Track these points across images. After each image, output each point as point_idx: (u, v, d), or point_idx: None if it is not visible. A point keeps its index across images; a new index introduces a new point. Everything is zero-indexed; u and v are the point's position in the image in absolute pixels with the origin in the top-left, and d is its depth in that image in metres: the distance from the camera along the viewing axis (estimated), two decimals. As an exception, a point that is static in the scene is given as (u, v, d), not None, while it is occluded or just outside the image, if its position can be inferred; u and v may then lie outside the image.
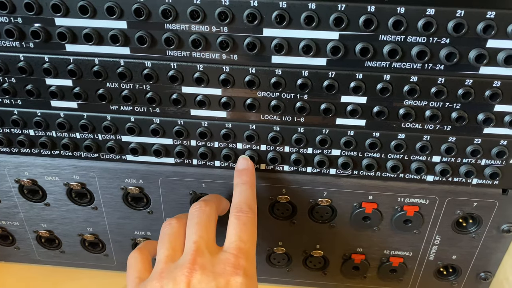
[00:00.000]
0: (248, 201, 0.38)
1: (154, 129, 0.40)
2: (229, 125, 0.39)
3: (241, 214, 0.36)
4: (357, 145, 0.39)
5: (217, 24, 0.34)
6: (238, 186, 0.39)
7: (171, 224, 0.38)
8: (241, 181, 0.39)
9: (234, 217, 0.36)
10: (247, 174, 0.40)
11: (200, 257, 0.34)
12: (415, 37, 0.33)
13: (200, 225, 0.36)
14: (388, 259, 0.47)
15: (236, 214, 0.36)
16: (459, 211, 0.42)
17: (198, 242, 0.35)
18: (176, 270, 0.33)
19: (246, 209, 0.37)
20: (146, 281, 0.35)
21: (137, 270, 0.38)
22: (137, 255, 0.39)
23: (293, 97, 0.37)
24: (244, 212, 0.36)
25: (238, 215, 0.36)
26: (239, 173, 0.40)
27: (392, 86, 0.36)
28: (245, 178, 0.39)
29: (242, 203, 0.37)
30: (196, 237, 0.35)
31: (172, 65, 0.37)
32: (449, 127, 0.38)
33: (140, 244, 0.42)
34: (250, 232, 0.36)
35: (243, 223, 0.36)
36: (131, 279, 0.37)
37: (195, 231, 0.36)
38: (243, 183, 0.39)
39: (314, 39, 0.34)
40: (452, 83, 0.35)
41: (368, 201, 0.43)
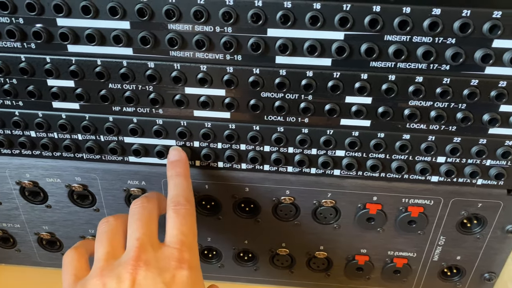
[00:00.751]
0: (184, 194, 0.37)
1: (157, 130, 0.40)
2: (232, 126, 0.39)
3: (180, 207, 0.36)
4: (362, 146, 0.39)
5: (221, 24, 0.34)
6: (173, 178, 0.38)
7: (109, 221, 0.37)
8: (175, 173, 0.39)
9: (172, 211, 0.36)
10: (180, 165, 0.39)
11: (144, 253, 0.33)
12: (420, 37, 0.33)
13: (142, 221, 0.36)
14: (392, 260, 0.46)
15: (174, 208, 0.36)
16: (464, 212, 0.42)
17: (141, 238, 0.34)
18: (119, 268, 0.33)
19: (183, 201, 0.36)
20: (85, 279, 0.34)
21: (73, 267, 0.37)
22: (72, 253, 0.38)
23: (297, 98, 0.37)
24: (182, 205, 0.36)
25: (176, 209, 0.36)
26: (172, 165, 0.39)
27: (397, 86, 0.35)
28: (179, 170, 0.39)
29: (179, 196, 0.37)
30: (138, 234, 0.35)
31: (175, 65, 0.36)
32: (454, 128, 0.37)
33: (76, 244, 0.40)
34: (189, 224, 0.36)
35: (183, 216, 0.36)
36: (67, 278, 0.36)
37: (137, 227, 0.35)
38: (177, 175, 0.38)
39: (319, 39, 0.34)
40: (457, 84, 0.35)
41: (373, 202, 0.42)
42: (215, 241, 0.47)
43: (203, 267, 0.49)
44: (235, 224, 0.45)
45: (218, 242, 0.47)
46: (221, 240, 0.47)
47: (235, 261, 0.49)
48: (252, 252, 0.48)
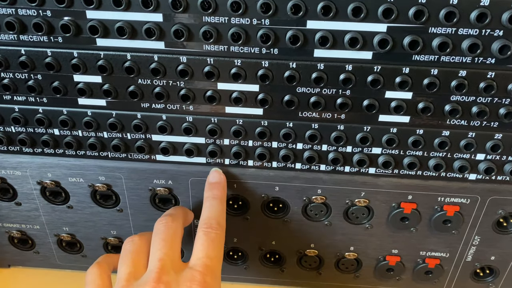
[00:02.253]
0: (218, 217, 0.37)
1: (186, 127, 0.38)
2: (265, 123, 0.38)
3: (210, 230, 0.36)
4: (400, 143, 0.38)
5: (259, 16, 0.32)
6: (209, 200, 0.38)
7: (134, 240, 0.38)
8: (212, 195, 0.39)
9: (203, 233, 0.36)
10: (219, 188, 0.39)
11: (165, 275, 0.33)
12: (467, 29, 0.32)
13: (165, 241, 0.36)
14: (424, 261, 0.45)
15: (205, 229, 0.36)
16: (501, 211, 0.41)
17: (163, 259, 0.34)
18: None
19: (215, 225, 0.36)
20: None
21: (96, 286, 0.37)
22: (95, 270, 0.38)
23: (334, 93, 0.36)
24: (213, 229, 0.36)
25: (207, 231, 0.36)
26: (210, 186, 0.39)
27: (439, 81, 0.34)
28: (216, 193, 0.39)
29: (212, 219, 0.37)
30: (161, 254, 0.34)
31: (208, 60, 0.35)
32: (496, 124, 0.36)
33: (99, 258, 0.40)
34: (217, 248, 0.36)
35: (211, 240, 0.35)
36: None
37: (160, 247, 0.35)
38: (214, 197, 0.39)
39: (360, 32, 0.33)
40: (502, 78, 0.34)
41: (407, 201, 0.41)
42: (242, 242, 0.46)
43: (227, 269, 0.48)
44: (263, 224, 0.44)
45: (244, 243, 0.46)
46: (248, 241, 0.46)
47: (261, 263, 0.47)
48: (279, 253, 0.47)
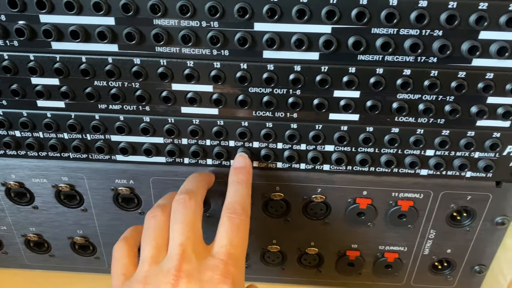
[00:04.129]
0: (242, 203, 0.36)
1: (144, 128, 0.39)
2: (220, 122, 0.39)
3: (234, 216, 0.35)
4: (351, 140, 0.39)
5: (207, 19, 0.33)
6: (234, 184, 0.37)
7: (156, 216, 0.36)
8: (237, 180, 0.38)
9: (227, 218, 0.35)
10: (244, 172, 0.38)
11: (187, 263, 0.32)
12: (407, 30, 0.33)
13: (184, 224, 0.34)
14: (383, 255, 0.46)
15: (229, 215, 0.35)
16: (453, 205, 0.42)
17: (184, 244, 0.33)
18: (160, 276, 0.32)
19: (240, 211, 0.35)
20: (131, 281, 0.34)
21: (123, 265, 0.36)
22: (123, 247, 0.37)
23: (285, 93, 0.37)
24: (237, 214, 0.35)
25: (231, 217, 0.35)
26: (236, 171, 0.38)
27: (385, 79, 0.35)
28: (242, 177, 0.38)
29: (236, 204, 0.35)
30: (181, 239, 0.33)
31: (161, 61, 0.36)
32: (443, 120, 0.37)
33: (126, 233, 0.39)
34: (242, 236, 0.35)
35: (236, 226, 0.34)
36: (116, 276, 0.36)
37: (180, 231, 0.34)
38: (239, 182, 0.37)
39: (306, 33, 0.34)
40: (445, 76, 0.35)
41: (363, 196, 0.42)
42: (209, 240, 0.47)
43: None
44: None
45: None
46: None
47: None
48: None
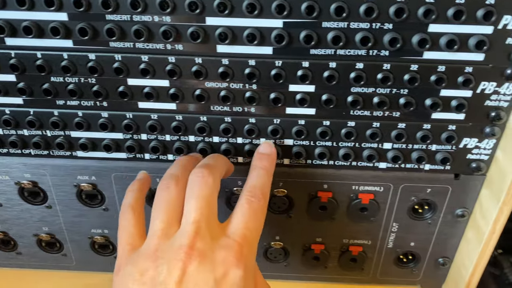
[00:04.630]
0: (263, 188, 0.35)
1: (102, 123, 0.39)
2: (179, 117, 0.39)
3: (254, 199, 0.34)
4: (309, 134, 0.39)
5: (159, 13, 0.34)
6: (256, 169, 0.37)
7: (169, 188, 0.34)
8: (260, 165, 0.37)
9: (246, 201, 0.34)
10: (269, 160, 0.38)
11: (200, 240, 0.31)
12: (358, 23, 0.33)
13: (201, 199, 0.33)
14: (348, 248, 0.47)
15: (248, 198, 0.34)
16: (414, 198, 0.43)
17: (199, 221, 0.32)
18: (171, 251, 0.31)
19: (259, 195, 0.34)
20: (139, 252, 0.32)
21: (130, 235, 0.35)
22: (130, 216, 0.35)
23: (242, 87, 0.37)
24: (257, 198, 0.34)
25: (250, 200, 0.34)
26: (260, 156, 0.38)
27: (338, 73, 0.36)
28: (265, 163, 0.37)
29: (257, 188, 0.35)
30: (196, 215, 0.32)
31: (116, 57, 0.36)
32: (398, 114, 0.38)
33: (130, 199, 0.37)
34: (258, 221, 0.34)
35: (254, 210, 0.34)
36: (123, 245, 0.34)
37: (195, 206, 0.32)
38: (262, 167, 0.37)
39: (258, 28, 0.34)
40: (397, 69, 0.35)
41: (324, 190, 0.43)
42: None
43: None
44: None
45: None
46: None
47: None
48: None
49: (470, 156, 0.40)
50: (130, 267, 0.32)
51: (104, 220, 0.46)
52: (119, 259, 0.34)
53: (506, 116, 0.37)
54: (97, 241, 0.48)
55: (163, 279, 0.30)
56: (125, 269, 0.32)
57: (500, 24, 0.33)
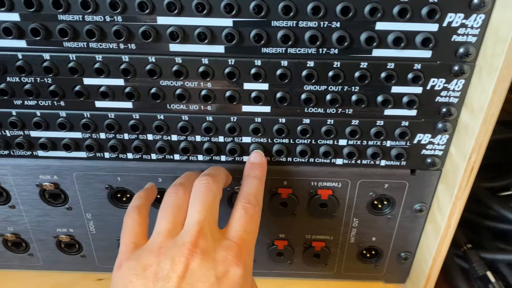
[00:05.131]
0: (257, 195, 0.37)
1: (61, 123, 0.39)
2: (136, 116, 0.39)
3: (249, 206, 0.36)
4: (265, 131, 0.40)
5: (110, 13, 0.34)
6: (249, 178, 0.39)
7: (178, 193, 0.36)
8: (253, 174, 0.39)
9: (242, 207, 0.36)
10: (260, 169, 0.40)
11: (203, 240, 0.33)
12: (306, 22, 0.34)
13: (205, 203, 0.35)
14: (310, 244, 0.47)
15: (244, 204, 0.36)
16: (372, 193, 0.43)
17: (202, 222, 0.34)
18: (175, 249, 0.32)
19: (254, 202, 0.37)
20: (142, 249, 0.34)
21: (134, 234, 0.36)
22: (136, 216, 0.37)
23: (197, 86, 0.38)
24: (252, 204, 0.36)
25: (246, 206, 0.36)
26: (252, 166, 0.40)
27: (290, 71, 0.36)
28: (257, 173, 0.39)
29: (252, 195, 0.37)
30: (200, 217, 0.34)
31: (71, 57, 0.36)
32: (351, 110, 0.38)
33: (138, 200, 0.39)
34: (254, 225, 0.36)
35: (250, 215, 0.36)
36: (126, 243, 0.35)
37: (199, 209, 0.35)
38: (254, 176, 0.39)
39: (208, 26, 0.34)
40: (347, 67, 0.36)
41: (283, 186, 0.43)
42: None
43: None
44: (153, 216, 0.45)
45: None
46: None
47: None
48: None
49: (424, 152, 0.41)
50: (133, 262, 0.33)
51: (68, 219, 0.46)
52: (121, 255, 0.35)
53: (456, 112, 0.38)
54: (63, 240, 0.48)
55: (166, 273, 0.31)
56: (127, 264, 0.33)
57: (444, 21, 0.34)
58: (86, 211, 0.45)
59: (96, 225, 0.47)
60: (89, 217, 0.46)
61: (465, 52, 0.35)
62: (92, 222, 0.46)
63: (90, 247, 0.49)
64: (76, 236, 0.48)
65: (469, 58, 0.35)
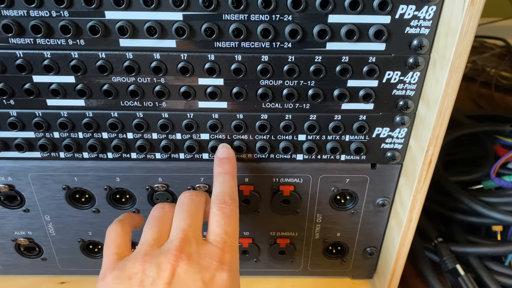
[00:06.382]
0: (230, 192, 0.37)
1: (12, 122, 0.38)
2: (89, 113, 0.38)
3: (225, 205, 0.36)
4: (224, 127, 0.39)
5: (56, 8, 0.33)
6: (220, 175, 0.38)
7: (164, 208, 0.37)
8: (222, 171, 0.38)
9: (217, 209, 0.35)
10: (229, 163, 0.39)
11: (187, 246, 0.33)
12: (258, 15, 0.33)
13: (188, 213, 0.35)
14: (275, 241, 0.47)
15: (219, 205, 0.36)
16: (334, 188, 0.43)
17: (186, 230, 0.34)
18: (161, 256, 0.32)
19: (229, 200, 0.36)
20: (126, 259, 0.33)
21: (116, 245, 0.36)
22: (118, 228, 0.37)
23: (150, 81, 0.37)
24: (227, 204, 0.36)
25: (222, 207, 0.35)
26: (220, 162, 0.39)
27: (245, 66, 0.36)
28: (227, 167, 0.38)
29: (225, 195, 0.36)
30: (184, 225, 0.34)
31: (17, 53, 0.35)
32: (308, 105, 0.38)
33: (121, 216, 0.39)
34: (233, 224, 0.36)
35: (227, 216, 0.35)
36: (109, 254, 0.35)
37: (183, 218, 0.35)
38: (225, 172, 0.38)
39: (158, 21, 0.34)
40: (302, 61, 0.36)
41: (245, 183, 0.43)
42: (97, 235, 0.46)
43: (90, 262, 0.48)
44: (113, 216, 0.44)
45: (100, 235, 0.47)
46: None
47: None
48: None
49: (384, 146, 0.41)
50: (118, 272, 0.32)
51: (26, 222, 0.45)
52: (105, 266, 0.34)
53: (413, 105, 0.38)
54: (22, 243, 0.47)
55: (152, 280, 0.31)
56: (112, 274, 0.32)
57: (397, 13, 0.33)
58: (44, 213, 0.44)
59: (55, 227, 0.45)
60: (47, 219, 0.45)
61: (418, 44, 0.35)
62: (51, 224, 0.45)
63: (50, 249, 0.47)
64: (36, 239, 0.46)
65: (423, 51, 0.35)
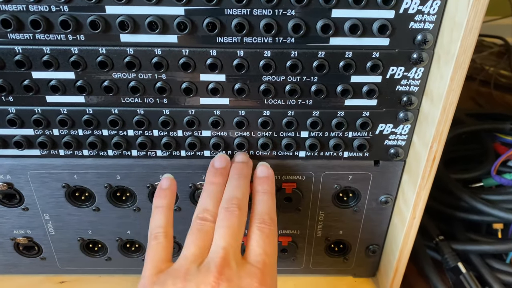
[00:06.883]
0: (270, 212, 0.37)
1: (10, 119, 0.38)
2: (89, 110, 0.38)
3: (264, 226, 0.36)
4: (225, 124, 0.39)
5: (56, 3, 0.32)
6: (260, 194, 0.38)
7: (206, 219, 0.36)
8: (262, 190, 0.39)
9: (257, 229, 0.35)
10: (268, 182, 0.39)
11: (227, 268, 0.33)
12: (260, 10, 0.33)
13: (230, 230, 0.35)
14: (277, 239, 0.46)
15: (259, 225, 0.36)
16: (337, 185, 0.43)
17: (227, 249, 0.34)
18: (201, 276, 0.32)
19: (268, 220, 0.36)
20: (167, 273, 0.33)
21: (159, 259, 0.35)
22: (162, 239, 0.36)
23: (151, 77, 0.36)
24: (267, 224, 0.36)
25: (261, 227, 0.36)
26: (260, 181, 0.39)
27: (247, 62, 0.35)
28: (267, 187, 0.39)
29: (265, 214, 0.36)
30: (225, 243, 0.34)
31: (16, 49, 0.35)
32: (311, 101, 0.38)
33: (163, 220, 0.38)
34: (273, 245, 0.36)
35: (266, 236, 0.35)
36: (150, 268, 0.35)
37: (225, 235, 0.35)
38: (264, 192, 0.38)
39: (160, 16, 0.33)
40: (305, 56, 0.35)
41: (246, 181, 0.42)
42: (97, 234, 0.46)
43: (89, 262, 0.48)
44: (113, 214, 0.44)
45: (99, 234, 0.46)
46: (104, 232, 0.46)
47: (122, 253, 0.48)
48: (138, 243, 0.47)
49: (387, 142, 0.40)
50: (158, 287, 0.32)
51: (25, 220, 0.45)
52: (145, 280, 0.34)
53: (417, 101, 0.38)
54: (21, 242, 0.46)
55: None
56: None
57: (401, 8, 0.33)
58: (44, 212, 0.44)
59: (55, 225, 0.45)
60: (47, 218, 0.44)
61: (422, 39, 0.34)
62: (50, 223, 0.45)
63: (50, 248, 0.47)
64: (35, 237, 0.46)
65: (427, 46, 0.34)
